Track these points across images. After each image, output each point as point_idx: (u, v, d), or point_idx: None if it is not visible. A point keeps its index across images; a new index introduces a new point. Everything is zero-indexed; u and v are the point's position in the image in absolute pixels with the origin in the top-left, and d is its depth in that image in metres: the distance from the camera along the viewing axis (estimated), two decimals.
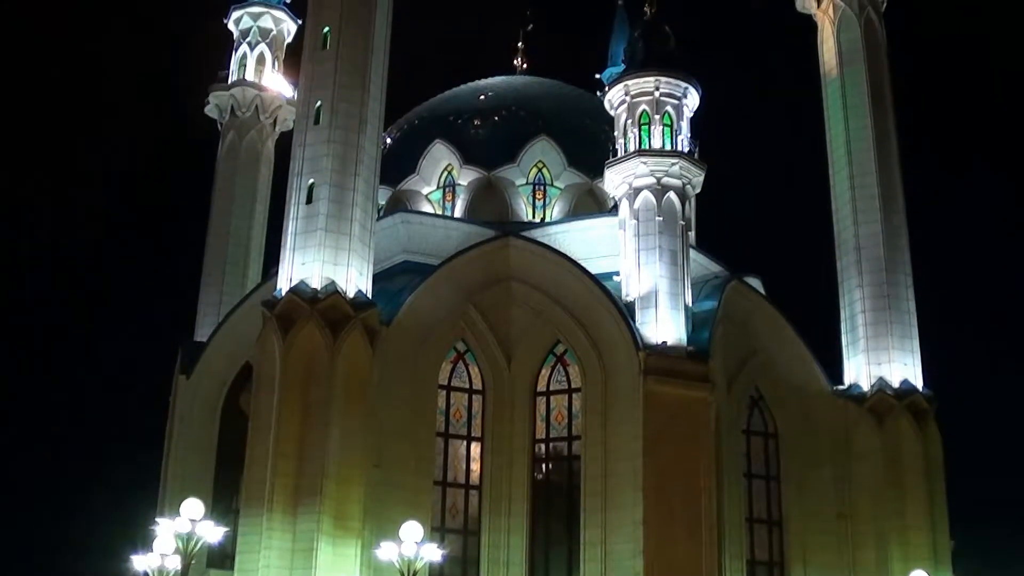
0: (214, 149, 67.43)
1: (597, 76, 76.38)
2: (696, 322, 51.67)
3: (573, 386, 51.88)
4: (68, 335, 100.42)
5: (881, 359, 55.33)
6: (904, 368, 55.15)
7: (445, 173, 64.21)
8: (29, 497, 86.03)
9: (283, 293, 47.94)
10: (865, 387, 54.93)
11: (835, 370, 56.23)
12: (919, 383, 55.11)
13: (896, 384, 54.66)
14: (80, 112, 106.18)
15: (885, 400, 54.24)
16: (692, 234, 57.52)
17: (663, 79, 54.91)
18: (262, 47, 68.45)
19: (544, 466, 51.73)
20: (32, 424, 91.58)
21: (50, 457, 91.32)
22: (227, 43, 69.64)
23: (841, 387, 55.48)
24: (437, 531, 48.90)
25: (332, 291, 47.61)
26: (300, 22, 67.10)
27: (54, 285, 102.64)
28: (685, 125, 54.96)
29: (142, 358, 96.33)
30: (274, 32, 68.81)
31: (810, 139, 62.99)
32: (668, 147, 53.90)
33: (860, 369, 55.51)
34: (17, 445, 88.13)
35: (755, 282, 59.79)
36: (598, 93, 68.56)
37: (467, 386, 52.23)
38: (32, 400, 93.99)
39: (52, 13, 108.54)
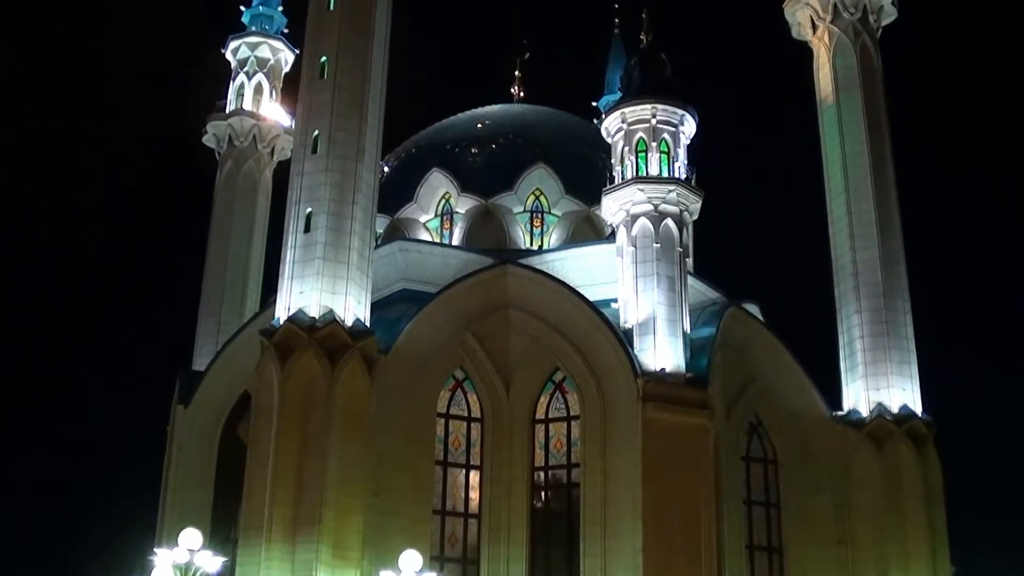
0: (212, 179, 67.90)
1: (594, 104, 77.02)
2: (694, 349, 51.89)
3: (572, 413, 52.03)
4: (66, 363, 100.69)
5: (880, 384, 55.44)
6: (903, 393, 55.30)
7: (443, 201, 64.57)
8: (28, 528, 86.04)
9: (281, 322, 48.18)
10: (864, 413, 55.07)
11: (834, 396, 56.32)
12: (918, 408, 55.25)
13: (895, 409, 54.82)
14: (78, 141, 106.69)
15: (884, 426, 54.37)
16: (690, 261, 57.80)
17: (660, 106, 55.35)
18: (260, 77, 69.03)
19: (543, 494, 51.82)
20: (30, 454, 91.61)
21: (48, 486, 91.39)
22: (225, 73, 70.23)
23: (840, 413, 55.60)
24: (436, 560, 48.96)
25: (330, 320, 47.86)
26: (298, 52, 67.56)
27: (51, 311, 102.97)
28: (682, 152, 55.35)
29: (140, 387, 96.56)
30: (272, 62, 69.41)
31: (807, 165, 63.48)
32: (665, 174, 54.27)
33: (859, 395, 55.66)
34: (14, 475, 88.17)
35: (753, 308, 60.00)
36: (595, 121, 69.11)
37: (466, 414, 52.37)
38: (30, 430, 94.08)
39: (51, 43, 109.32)
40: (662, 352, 50.82)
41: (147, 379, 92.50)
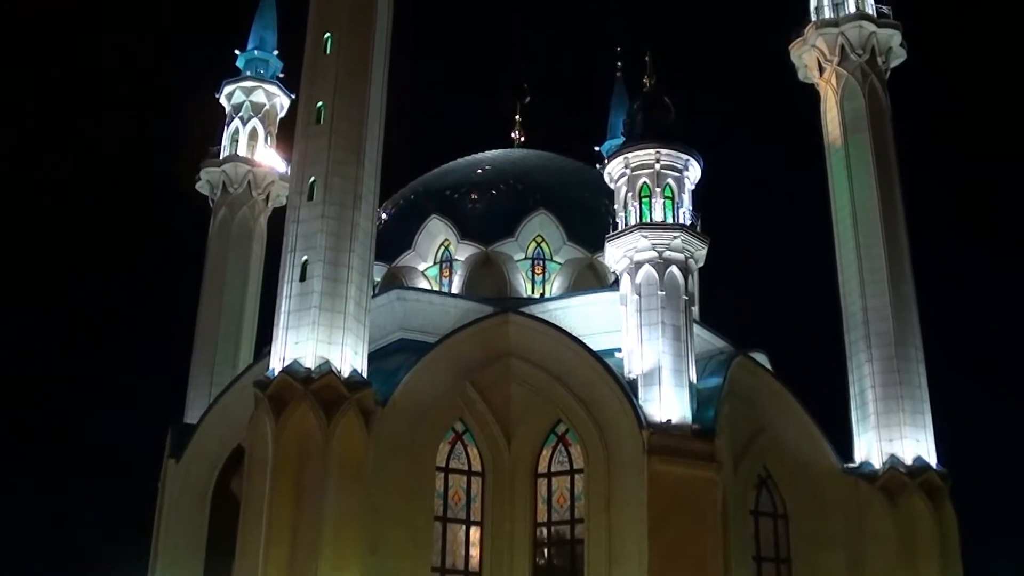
0: (206, 226, 67.95)
1: (596, 148, 77.31)
2: (701, 399, 51.67)
3: (575, 467, 51.69)
4: (55, 417, 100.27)
5: (893, 435, 55.13)
6: (916, 444, 54.98)
7: (442, 248, 64.59)
8: None
9: (276, 373, 47.98)
10: (877, 465, 54.73)
11: (845, 447, 56.07)
12: (933, 460, 54.91)
13: (909, 461, 54.47)
14: (71, 189, 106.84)
15: (897, 478, 53.99)
16: (696, 309, 57.67)
17: (663, 151, 55.42)
18: (255, 122, 69.32)
19: (546, 551, 51.35)
20: (18, 514, 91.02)
21: (39, 545, 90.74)
22: (219, 118, 70.48)
23: (852, 465, 55.28)
24: None
25: (326, 371, 47.67)
26: (293, 96, 68.00)
27: (41, 366, 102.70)
28: (687, 197, 55.37)
29: (131, 441, 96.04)
30: (267, 107, 69.70)
31: (815, 209, 63.52)
32: (670, 220, 54.27)
33: (871, 446, 55.34)
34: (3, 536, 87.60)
35: (761, 357, 59.87)
36: (597, 166, 69.22)
37: (466, 468, 52.05)
38: (18, 486, 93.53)
39: (42, 87, 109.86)
40: (668, 403, 50.57)
41: (138, 432, 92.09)
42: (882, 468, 54.44)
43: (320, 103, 52.77)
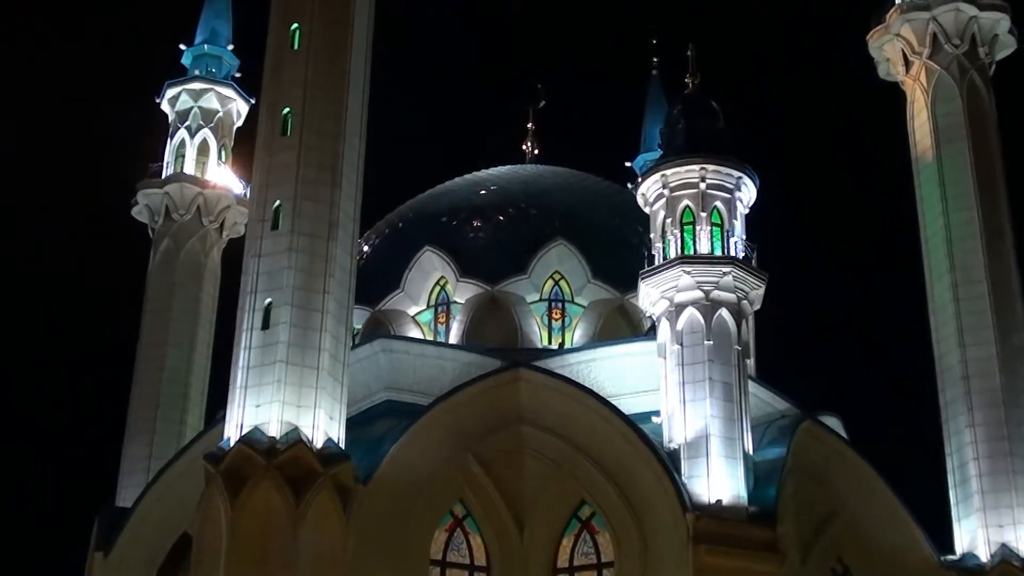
0: (144, 261, 68.45)
1: (628, 164, 77.94)
2: (759, 475, 51.90)
3: (604, 560, 51.83)
4: None
5: (1003, 519, 55.08)
6: None
7: (437, 288, 65.04)
8: None
9: (232, 443, 48.24)
10: (983, 557, 54.76)
11: (942, 534, 56.12)
12: None
13: None
14: None
15: (1010, 573, 53.97)
16: (751, 362, 58.01)
17: (710, 167, 55.91)
18: (205, 133, 69.98)
19: None
20: None
21: None
22: (160, 128, 71.07)
23: (951, 557, 55.29)
24: None
25: (295, 440, 47.92)
26: (253, 101, 68.69)
27: None
28: (739, 224, 55.81)
29: (49, 530, 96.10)
30: (220, 114, 70.42)
31: (899, 239, 63.96)
32: (718, 252, 54.65)
33: (975, 533, 55.38)
34: None
35: (833, 422, 60.13)
36: (629, 185, 69.80)
37: (467, 561, 52.19)
38: None
39: None
40: (718, 479, 50.77)
41: (60, 518, 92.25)
42: (990, 561, 54.40)
43: (286, 109, 53.33)
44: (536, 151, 78.60)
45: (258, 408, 48.65)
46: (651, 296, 55.11)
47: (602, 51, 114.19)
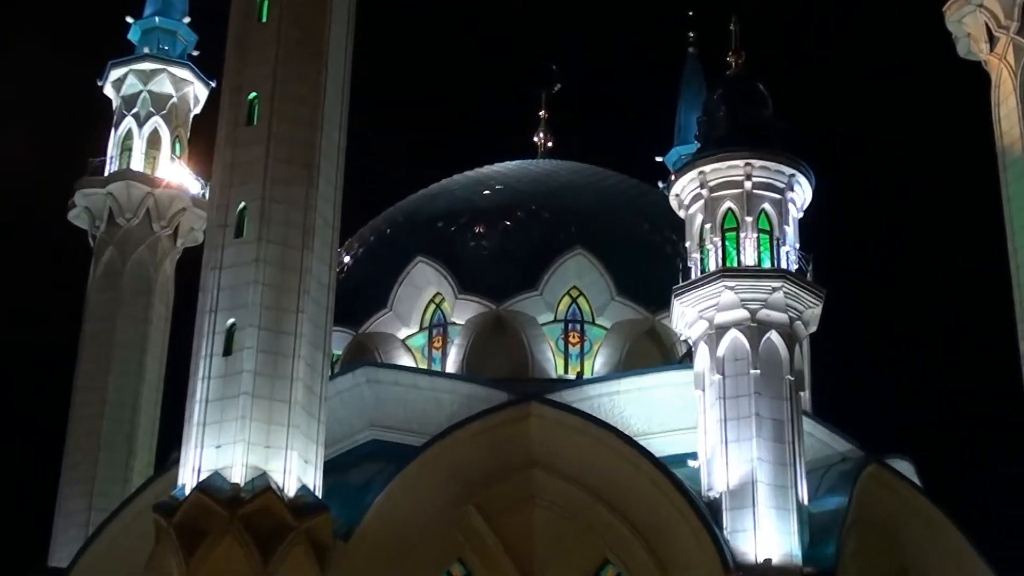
0: (84, 274, 68.45)
1: (658, 159, 77.94)
2: (816, 528, 51.90)
3: None
4: None
5: None
6: None
7: (432, 307, 65.16)
8: None
9: (187, 492, 48.23)
10: None
11: None
12: None
13: None
14: None
15: None
16: (806, 395, 57.97)
17: (757, 162, 55.98)
18: (156, 121, 70.05)
19: None
20: None
21: None
22: (103, 116, 71.18)
23: None
24: None
25: (262, 488, 47.85)
26: (214, 84, 68.77)
27: None
28: (791, 231, 55.89)
29: None
30: (174, 99, 70.52)
31: (981, 244, 63.92)
32: (767, 264, 54.74)
33: None
34: None
35: (904, 466, 60.16)
36: (660, 184, 69.87)
37: None
38: None
39: None
40: (766, 535, 50.76)
41: None
42: None
43: (253, 94, 53.33)
44: (550, 144, 78.77)
45: (219, 450, 48.57)
46: (687, 316, 55.10)
47: (628, 25, 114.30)
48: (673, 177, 58.82)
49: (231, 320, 50.24)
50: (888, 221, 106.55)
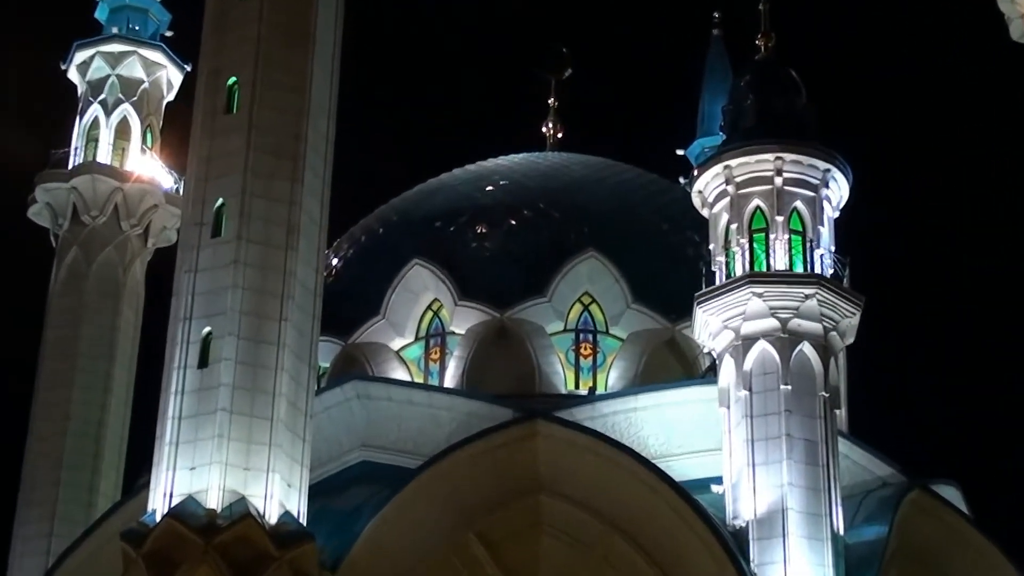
0: (45, 276, 68.45)
1: (679, 152, 77.91)
2: (853, 561, 51.97)
3: None
4: None
5: None
6: None
7: (429, 315, 65.22)
8: None
9: (159, 518, 48.19)
10: None
11: None
12: None
13: None
14: None
15: None
16: (842, 414, 57.90)
17: (789, 156, 55.99)
18: (125, 109, 70.00)
19: None
20: None
21: None
22: (66, 103, 71.31)
23: None
24: None
25: (241, 514, 47.77)
26: (189, 68, 68.76)
27: None
28: (827, 231, 55.89)
29: None
30: (146, 85, 70.51)
31: None
32: (799, 268, 54.75)
33: None
34: None
35: (950, 492, 60.17)
36: (681, 180, 69.83)
37: None
38: None
39: None
40: (798, 567, 50.80)
41: None
42: None
43: (232, 78, 53.34)
44: (559, 135, 78.76)
45: (193, 472, 48.50)
46: (710, 326, 55.15)
47: (646, 4, 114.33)
48: (696, 172, 58.70)
49: (207, 328, 50.09)
50: (934, 221, 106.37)
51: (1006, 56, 66.11)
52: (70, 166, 69.22)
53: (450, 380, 63.49)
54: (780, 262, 54.98)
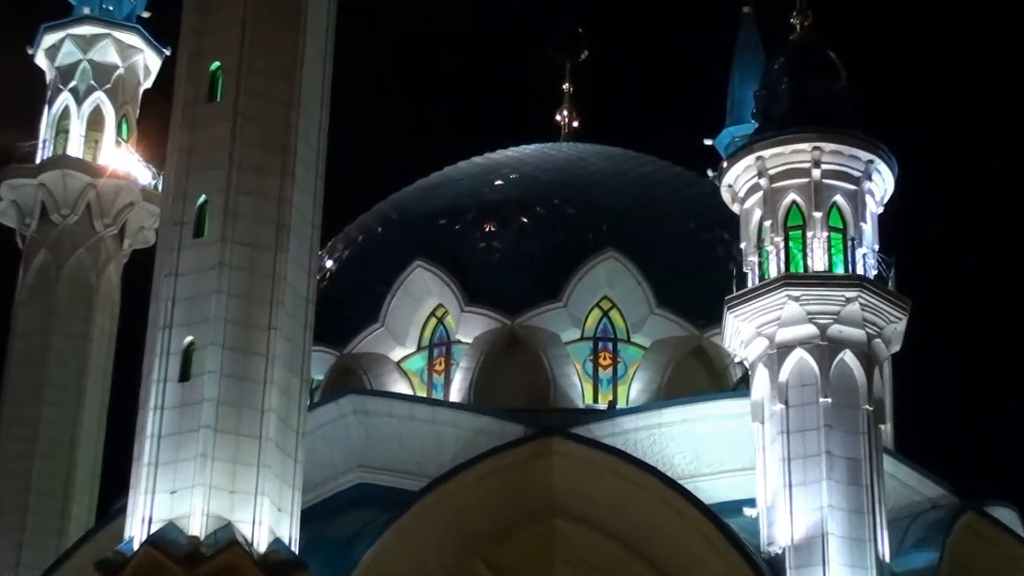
0: (11, 282, 68.54)
1: (707, 142, 77.87)
2: None
3: None
4: None
5: None
6: None
7: (432, 322, 65.26)
8: None
9: (136, 546, 48.24)
10: None
11: None
12: None
13: None
14: None
15: None
16: (887, 429, 57.86)
17: (828, 146, 55.92)
18: (98, 97, 70.13)
19: None
20: None
21: None
22: (34, 91, 71.28)
23: None
24: None
25: (227, 542, 47.82)
26: (168, 52, 68.76)
27: None
28: (869, 228, 55.84)
29: None
30: (121, 71, 70.60)
31: None
32: (839, 269, 54.68)
33: None
34: None
35: (1006, 514, 60.08)
36: (709, 173, 69.71)
37: None
38: None
39: None
40: None
41: None
42: None
43: (216, 63, 53.38)
44: (575, 124, 78.72)
45: (174, 495, 48.53)
46: (742, 333, 55.11)
47: None
48: (725, 164, 58.66)
49: (189, 338, 50.11)
50: (988, 217, 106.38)
51: None
52: (38, 160, 69.35)
53: (456, 394, 63.53)
54: (818, 262, 54.93)
